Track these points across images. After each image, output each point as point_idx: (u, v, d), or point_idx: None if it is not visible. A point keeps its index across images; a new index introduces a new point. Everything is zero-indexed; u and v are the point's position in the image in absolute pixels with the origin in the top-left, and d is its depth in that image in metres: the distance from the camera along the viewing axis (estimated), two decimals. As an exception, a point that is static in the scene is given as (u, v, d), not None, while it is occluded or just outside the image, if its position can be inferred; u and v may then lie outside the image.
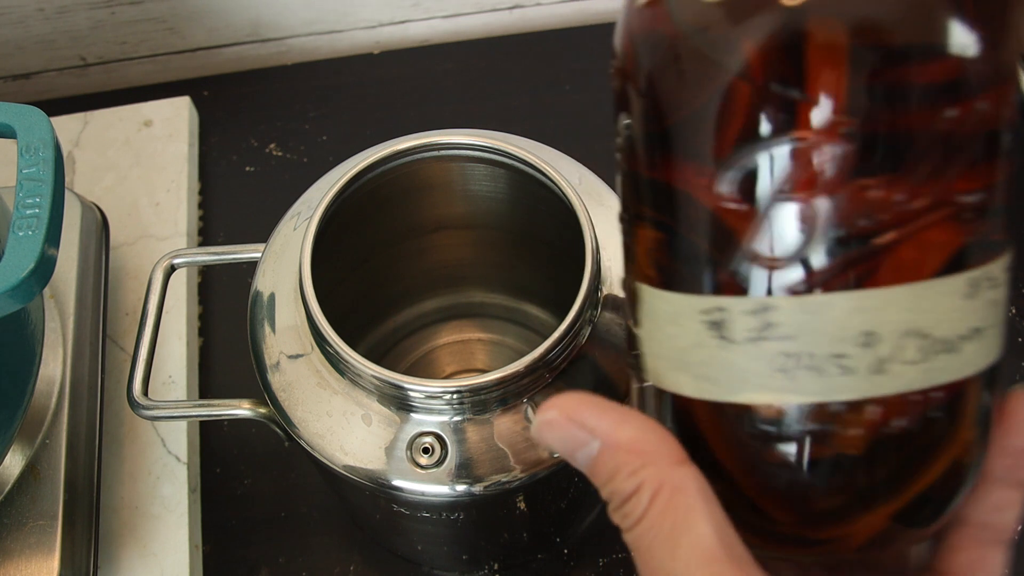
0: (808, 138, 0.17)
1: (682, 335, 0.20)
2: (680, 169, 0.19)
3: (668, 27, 0.19)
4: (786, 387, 0.18)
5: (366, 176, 0.37)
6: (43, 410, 0.42)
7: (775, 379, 0.18)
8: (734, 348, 0.19)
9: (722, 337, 0.19)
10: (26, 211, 0.32)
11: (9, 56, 0.62)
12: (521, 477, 0.32)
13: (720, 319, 0.19)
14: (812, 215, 0.17)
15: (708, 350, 0.19)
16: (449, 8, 0.64)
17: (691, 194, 0.19)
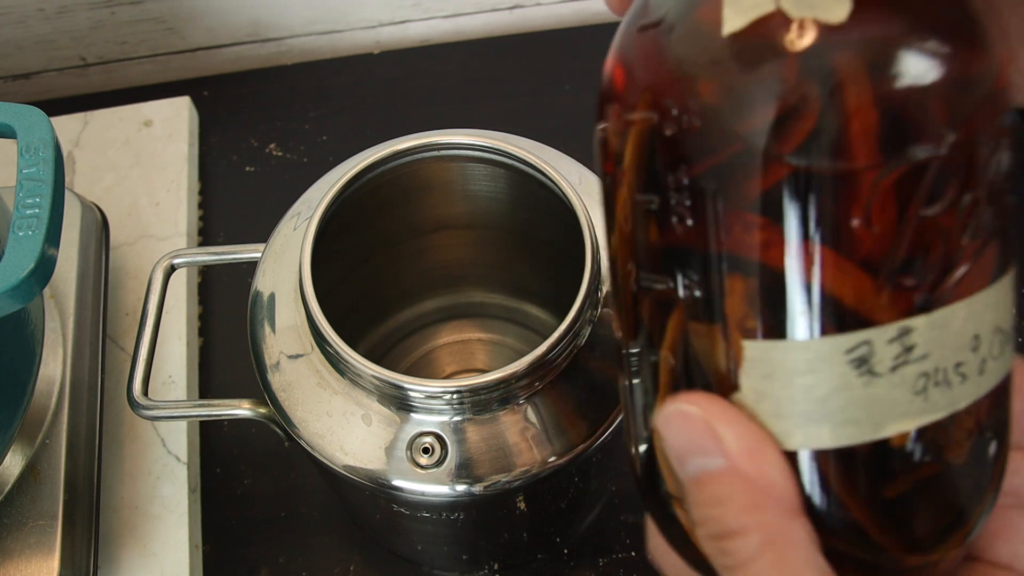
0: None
1: (821, 382, 0.18)
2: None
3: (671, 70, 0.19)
4: (923, 409, 0.18)
5: (366, 176, 0.37)
6: (43, 410, 0.42)
7: (914, 404, 0.18)
8: (879, 382, 0.18)
9: (868, 372, 0.18)
10: (26, 211, 0.32)
11: (9, 56, 0.62)
12: (521, 477, 0.32)
13: (865, 354, 0.18)
14: (934, 239, 0.18)
15: (852, 391, 0.18)
16: (449, 8, 0.64)
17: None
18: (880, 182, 0.17)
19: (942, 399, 0.18)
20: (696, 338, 0.19)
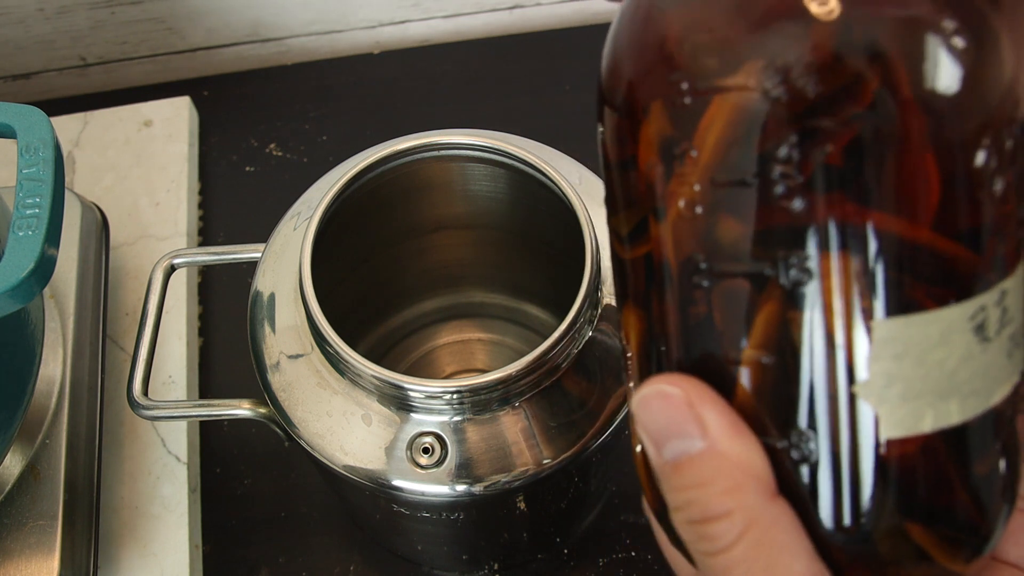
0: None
1: (952, 354, 0.17)
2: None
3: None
4: (1012, 371, 0.18)
5: (366, 176, 0.37)
6: (43, 410, 0.42)
7: (1007, 367, 0.18)
8: (990, 347, 0.18)
9: (984, 339, 0.18)
10: (26, 211, 0.32)
11: (9, 56, 0.62)
12: (521, 477, 0.32)
13: (983, 320, 0.18)
14: (1013, 206, 0.18)
15: (974, 359, 0.18)
16: (449, 8, 0.64)
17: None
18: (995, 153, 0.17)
19: (1020, 360, 0.18)
20: (799, 329, 0.18)
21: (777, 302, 0.18)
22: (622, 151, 0.20)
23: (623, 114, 0.19)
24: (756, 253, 0.18)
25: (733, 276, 0.18)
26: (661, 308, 0.20)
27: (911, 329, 0.17)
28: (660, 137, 0.18)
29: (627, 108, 0.19)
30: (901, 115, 0.16)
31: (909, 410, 0.18)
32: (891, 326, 0.17)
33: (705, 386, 0.19)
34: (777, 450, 0.19)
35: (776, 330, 0.18)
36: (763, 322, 0.18)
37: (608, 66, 0.20)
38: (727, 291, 0.18)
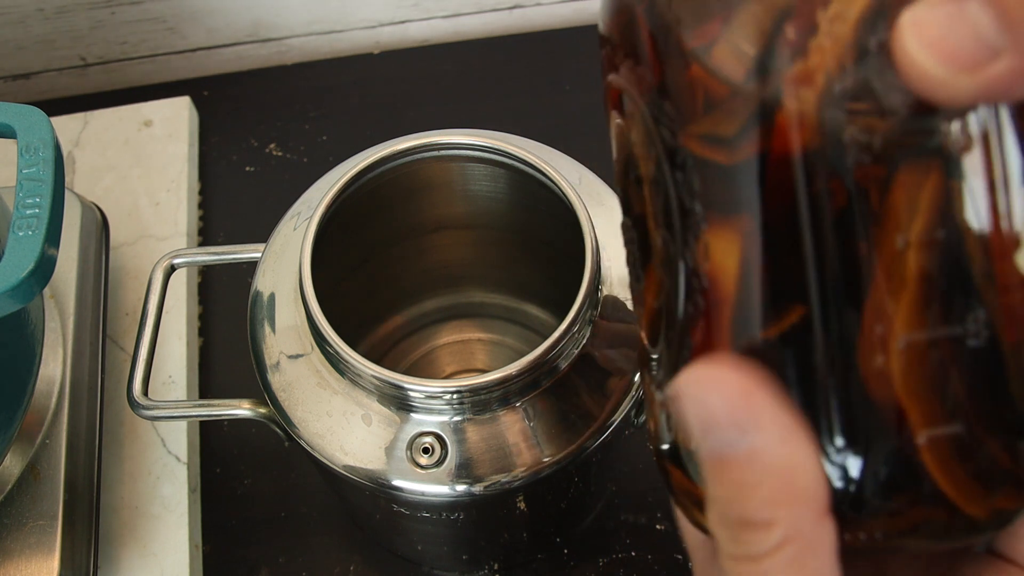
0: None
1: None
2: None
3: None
4: None
5: (366, 176, 0.37)
6: (43, 410, 0.42)
7: None
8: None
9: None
10: (26, 211, 0.32)
11: (9, 56, 0.62)
12: (521, 477, 0.32)
13: None
14: None
15: None
16: (449, 8, 0.64)
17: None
18: None
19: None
20: (964, 199, 0.16)
21: (939, 172, 0.17)
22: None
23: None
24: (917, 121, 0.16)
25: (896, 151, 0.17)
26: (784, 214, 0.17)
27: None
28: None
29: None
30: None
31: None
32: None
33: (768, 378, 0.17)
34: (950, 340, 0.17)
35: (943, 203, 0.17)
36: (931, 195, 0.17)
37: None
38: (887, 170, 0.17)
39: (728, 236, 0.18)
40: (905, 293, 0.17)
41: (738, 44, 0.17)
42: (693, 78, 0.18)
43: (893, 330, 0.17)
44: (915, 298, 0.17)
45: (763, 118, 0.17)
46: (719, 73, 0.17)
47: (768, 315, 0.17)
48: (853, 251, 0.17)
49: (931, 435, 0.17)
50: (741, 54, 0.17)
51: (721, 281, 0.18)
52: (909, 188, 0.16)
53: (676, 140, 0.18)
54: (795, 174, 0.17)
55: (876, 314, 0.17)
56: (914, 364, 0.17)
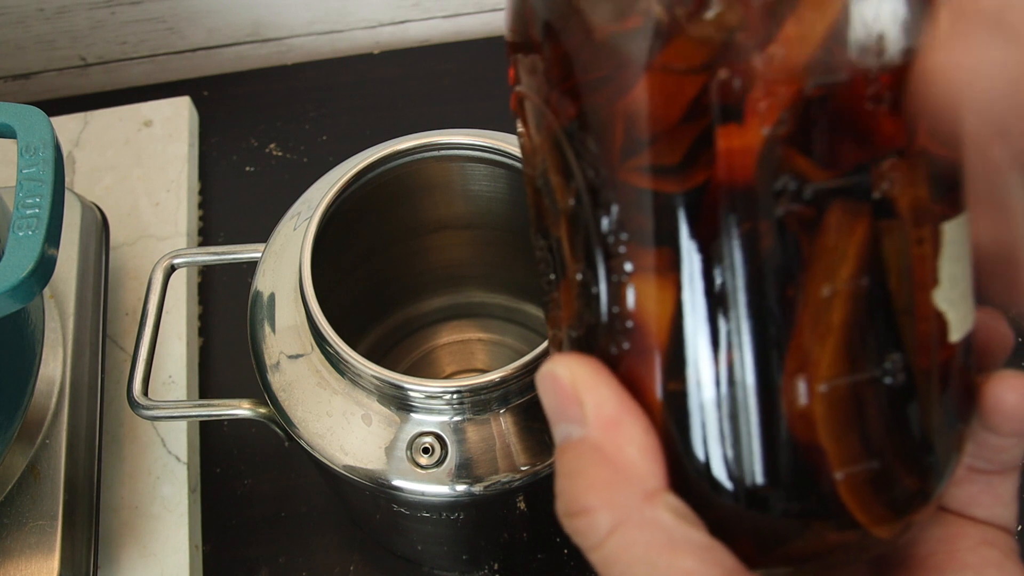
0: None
1: (968, 259, 0.18)
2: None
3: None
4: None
5: (366, 176, 0.37)
6: (43, 410, 0.42)
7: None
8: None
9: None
10: (26, 211, 0.32)
11: (9, 56, 0.62)
12: (521, 477, 0.32)
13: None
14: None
15: (969, 272, 0.19)
16: (449, 8, 0.64)
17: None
18: None
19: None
20: (893, 241, 0.17)
21: (868, 218, 0.17)
22: (668, 53, 0.17)
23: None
24: (850, 168, 0.17)
25: (827, 196, 0.17)
26: (715, 247, 0.17)
27: (965, 229, 0.18)
28: (726, 32, 0.16)
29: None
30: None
31: (966, 309, 0.18)
32: (955, 228, 0.18)
33: (597, 367, 0.18)
34: (870, 381, 0.18)
35: (869, 251, 0.17)
36: (859, 243, 0.17)
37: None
38: (817, 215, 0.17)
39: (658, 282, 0.18)
40: (830, 338, 0.17)
41: (676, 75, 0.17)
42: (619, 111, 0.17)
43: (817, 374, 0.17)
44: (839, 343, 0.17)
45: (698, 155, 0.17)
46: (653, 107, 0.17)
47: (700, 362, 0.18)
48: (782, 294, 0.17)
49: (848, 472, 0.18)
50: (680, 87, 0.17)
51: (650, 327, 0.18)
52: (838, 233, 0.17)
53: (602, 178, 0.18)
54: (727, 214, 0.17)
55: (800, 357, 0.17)
56: (835, 407, 0.17)
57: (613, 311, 0.19)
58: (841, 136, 0.16)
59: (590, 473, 0.17)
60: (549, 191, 0.20)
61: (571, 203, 0.19)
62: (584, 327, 0.20)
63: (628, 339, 0.18)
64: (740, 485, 0.18)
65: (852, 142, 0.17)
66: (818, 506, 0.18)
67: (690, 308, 0.17)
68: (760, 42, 0.16)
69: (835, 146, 0.16)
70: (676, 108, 0.17)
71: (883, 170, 0.17)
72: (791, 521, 0.18)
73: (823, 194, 0.17)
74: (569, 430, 0.18)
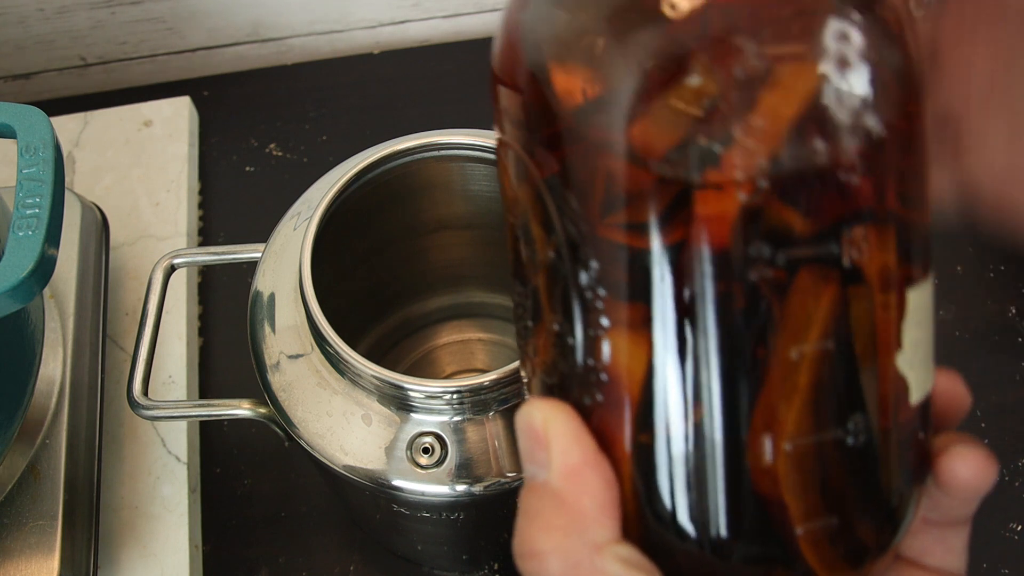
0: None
1: (930, 323, 0.19)
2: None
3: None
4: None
5: (366, 176, 0.37)
6: (43, 410, 0.42)
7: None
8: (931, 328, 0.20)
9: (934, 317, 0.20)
10: (26, 211, 0.32)
11: (9, 56, 0.62)
12: (521, 477, 0.32)
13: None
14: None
15: (930, 335, 0.19)
16: (449, 8, 0.64)
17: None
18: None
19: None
20: (860, 307, 0.18)
21: (836, 284, 0.18)
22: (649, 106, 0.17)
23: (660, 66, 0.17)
24: (822, 235, 0.17)
25: (799, 262, 0.17)
26: (688, 306, 0.18)
27: (926, 295, 0.19)
28: (706, 101, 0.17)
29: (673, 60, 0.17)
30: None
31: (926, 373, 0.19)
32: (918, 295, 0.18)
33: (568, 413, 0.19)
34: (833, 441, 0.18)
35: (838, 313, 0.18)
36: (826, 308, 0.18)
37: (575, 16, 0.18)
38: (788, 279, 0.17)
39: (632, 338, 0.18)
40: (796, 399, 0.18)
41: (658, 135, 0.17)
42: (599, 168, 0.18)
43: (782, 433, 0.18)
44: (804, 404, 0.18)
45: (677, 215, 0.17)
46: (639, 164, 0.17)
47: (671, 417, 0.18)
48: (752, 354, 0.17)
49: (808, 527, 0.18)
50: (663, 151, 0.17)
51: (623, 380, 0.18)
52: (807, 297, 0.17)
53: (581, 232, 0.18)
54: (701, 276, 0.17)
55: (767, 416, 0.18)
56: (798, 465, 0.18)
57: (588, 363, 0.19)
58: (815, 204, 0.17)
59: (547, 518, 0.18)
60: (529, 241, 0.20)
61: (551, 255, 0.19)
62: (558, 375, 0.20)
63: (601, 391, 0.19)
64: (704, 534, 0.18)
65: (825, 209, 0.17)
66: (779, 555, 0.18)
67: (662, 364, 0.18)
68: (739, 111, 0.16)
69: (809, 213, 0.17)
70: (655, 170, 0.17)
71: (854, 238, 0.17)
72: (753, 569, 0.18)
73: (795, 260, 0.17)
74: (535, 472, 0.18)
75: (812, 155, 0.17)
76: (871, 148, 0.17)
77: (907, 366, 0.18)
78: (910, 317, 0.18)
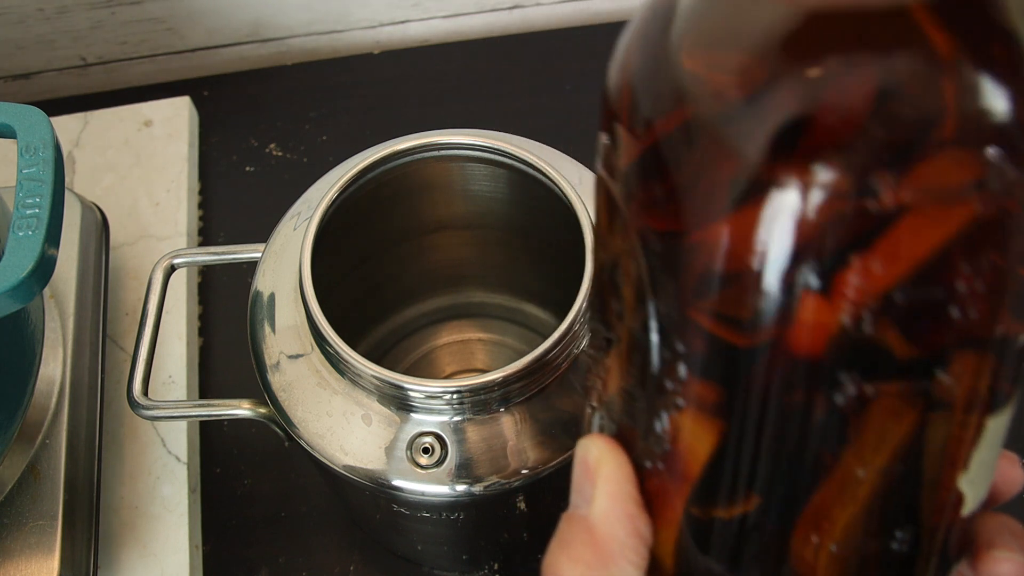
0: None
1: (999, 445, 0.19)
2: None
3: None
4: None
5: (366, 176, 0.37)
6: (43, 410, 0.42)
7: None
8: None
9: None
10: (26, 211, 0.32)
11: (9, 56, 0.62)
12: (521, 477, 0.32)
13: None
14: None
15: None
16: (449, 8, 0.64)
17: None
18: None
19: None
20: (937, 431, 0.17)
21: (920, 409, 0.17)
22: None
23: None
24: (920, 362, 0.16)
25: (888, 385, 0.17)
26: (767, 404, 0.17)
27: (1003, 420, 0.18)
28: (837, 215, 0.15)
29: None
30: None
31: (980, 493, 0.19)
32: (995, 421, 0.18)
33: (621, 458, 0.20)
34: (881, 549, 0.18)
35: (914, 437, 0.17)
36: (905, 430, 0.17)
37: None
38: (872, 399, 0.17)
39: (706, 423, 0.18)
40: (851, 508, 0.18)
41: (778, 239, 0.16)
42: (699, 246, 0.17)
43: (831, 534, 0.18)
44: (858, 514, 0.18)
45: (781, 317, 0.16)
46: (734, 254, 0.16)
47: (726, 499, 0.19)
48: (818, 459, 0.17)
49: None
50: (773, 252, 0.16)
51: (688, 460, 0.19)
52: (887, 419, 0.17)
53: (671, 309, 0.18)
54: (787, 379, 0.17)
55: (819, 514, 0.18)
56: (840, 565, 0.18)
57: (653, 428, 0.19)
58: (922, 332, 0.16)
59: (576, 549, 0.19)
60: (618, 298, 0.20)
61: (637, 325, 0.19)
62: (620, 425, 0.21)
63: (663, 459, 0.19)
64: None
65: (931, 338, 0.16)
66: None
67: (731, 453, 0.18)
68: (869, 236, 0.15)
69: (912, 340, 0.16)
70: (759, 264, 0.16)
71: (952, 366, 0.17)
72: None
73: (885, 383, 0.17)
74: (579, 503, 0.20)
75: (937, 292, 0.16)
76: (998, 282, 0.16)
77: (968, 484, 0.18)
78: (984, 441, 0.18)
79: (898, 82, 0.14)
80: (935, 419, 0.17)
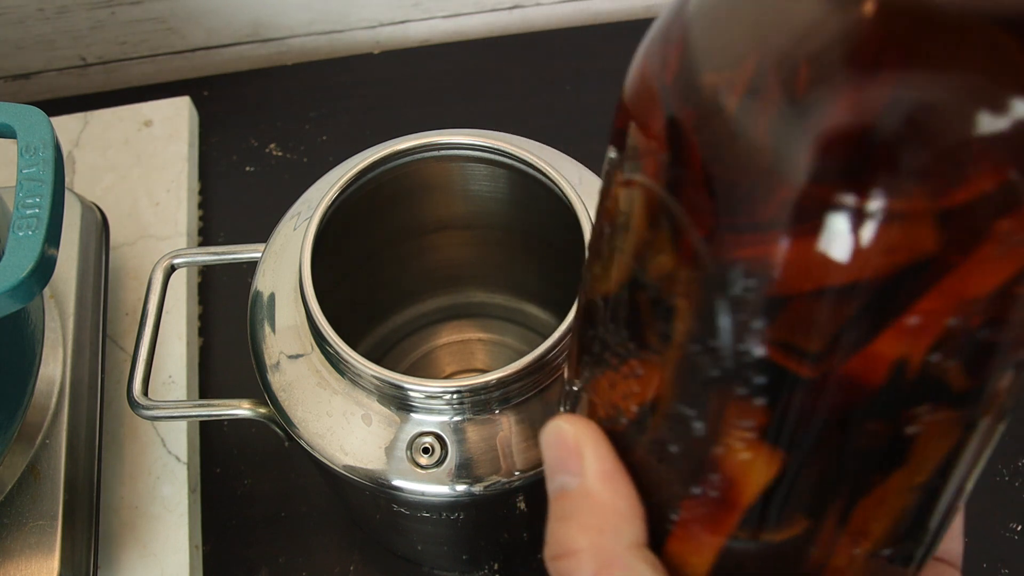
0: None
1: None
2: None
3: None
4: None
5: (366, 176, 0.37)
6: (43, 410, 0.42)
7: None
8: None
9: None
10: (26, 211, 0.32)
11: (9, 56, 0.62)
12: (521, 477, 0.32)
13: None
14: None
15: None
16: (449, 8, 0.64)
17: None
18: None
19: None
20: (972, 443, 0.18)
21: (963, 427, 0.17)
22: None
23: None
24: (975, 392, 0.17)
25: (946, 412, 0.17)
26: (823, 432, 0.17)
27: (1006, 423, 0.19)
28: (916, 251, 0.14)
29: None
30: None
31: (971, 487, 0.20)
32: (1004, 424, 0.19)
33: (596, 428, 0.20)
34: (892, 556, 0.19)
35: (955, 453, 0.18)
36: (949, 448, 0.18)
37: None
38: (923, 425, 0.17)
39: (764, 452, 0.17)
40: (886, 521, 0.19)
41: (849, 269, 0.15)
42: (773, 279, 0.15)
43: (864, 545, 0.19)
44: (891, 525, 0.18)
45: (851, 349, 0.16)
46: (814, 290, 0.15)
47: (776, 524, 0.19)
48: (867, 479, 0.18)
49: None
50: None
51: (742, 489, 0.18)
52: (934, 442, 0.17)
53: (734, 345, 0.17)
54: (856, 407, 0.16)
55: (859, 528, 0.18)
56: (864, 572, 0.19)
57: (699, 456, 0.18)
58: (980, 365, 0.16)
59: (581, 518, 0.19)
60: (662, 318, 0.18)
61: (694, 346, 0.18)
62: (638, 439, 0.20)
63: (707, 487, 0.18)
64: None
65: (987, 368, 0.16)
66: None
67: (787, 482, 0.18)
68: (940, 272, 0.14)
69: (971, 373, 0.16)
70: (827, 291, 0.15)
71: (999, 387, 0.16)
72: None
73: (939, 411, 0.17)
74: (566, 481, 0.19)
75: (1001, 325, 0.15)
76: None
77: (972, 482, 0.19)
78: (993, 442, 0.18)
79: (994, 107, 0.13)
80: (972, 435, 0.17)
